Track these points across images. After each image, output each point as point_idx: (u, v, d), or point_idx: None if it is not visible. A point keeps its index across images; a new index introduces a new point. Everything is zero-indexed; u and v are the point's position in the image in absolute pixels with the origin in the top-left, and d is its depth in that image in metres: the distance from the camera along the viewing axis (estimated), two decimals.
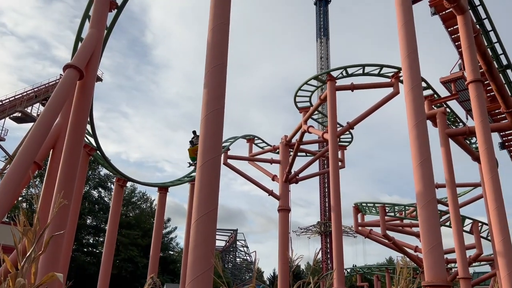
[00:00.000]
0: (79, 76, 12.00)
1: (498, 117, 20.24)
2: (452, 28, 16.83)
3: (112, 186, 48.21)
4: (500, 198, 13.37)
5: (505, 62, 18.32)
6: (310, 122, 25.39)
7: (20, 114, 36.76)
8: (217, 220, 8.36)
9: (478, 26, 16.81)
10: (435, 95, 21.18)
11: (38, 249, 3.57)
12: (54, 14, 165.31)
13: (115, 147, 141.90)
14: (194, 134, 23.27)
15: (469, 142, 23.41)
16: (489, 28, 17.30)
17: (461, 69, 18.72)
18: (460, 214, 19.59)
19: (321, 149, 32.65)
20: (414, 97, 10.77)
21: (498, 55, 18.08)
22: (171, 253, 64.53)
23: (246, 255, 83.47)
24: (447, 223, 24.47)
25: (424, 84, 20.63)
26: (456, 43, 17.33)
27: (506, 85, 18.40)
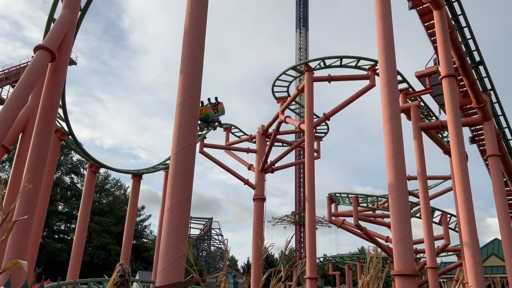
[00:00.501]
0: (51, 58, 11.62)
1: (470, 112, 20.73)
2: (428, 23, 17.06)
3: (84, 172, 47.28)
4: (468, 191, 13.76)
5: (477, 59, 18.72)
6: (288, 112, 25.46)
7: None
8: (190, 208, 8.29)
9: (453, 22, 17.09)
10: (410, 89, 21.51)
11: (1, 234, 3.45)
12: None
13: (89, 133, 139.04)
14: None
15: (441, 136, 23.95)
16: (463, 24, 17.61)
17: (436, 64, 19.05)
18: (430, 205, 20.10)
19: (297, 139, 32.81)
20: (389, 90, 10.90)
21: (471, 51, 18.46)
22: (145, 240, 64.14)
23: (221, 244, 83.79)
24: (418, 215, 25.10)
25: (399, 77, 20.92)
26: (432, 38, 17.59)
27: (478, 81, 18.83)
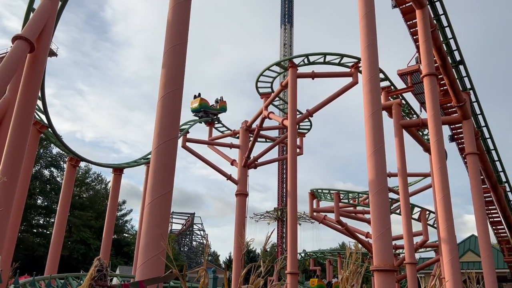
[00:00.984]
0: (30, 48, 11.37)
1: (450, 110, 21.10)
2: (411, 21, 17.24)
3: (64, 165, 46.53)
4: (447, 188, 14.04)
5: (458, 58, 19.05)
6: (271, 108, 25.49)
7: None
8: (171, 203, 8.24)
9: (435, 21, 17.33)
10: (392, 87, 21.78)
11: None
12: None
13: (69, 126, 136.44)
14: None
15: (421, 133, 24.31)
16: (445, 24, 17.87)
17: (417, 62, 19.31)
18: (409, 202, 20.43)
19: (280, 135, 32.92)
20: (372, 87, 11.00)
21: (452, 51, 18.76)
22: (126, 235, 63.62)
23: (203, 239, 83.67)
24: (397, 211, 25.47)
25: (382, 75, 21.14)
26: (414, 37, 17.78)
27: (458, 80, 19.16)
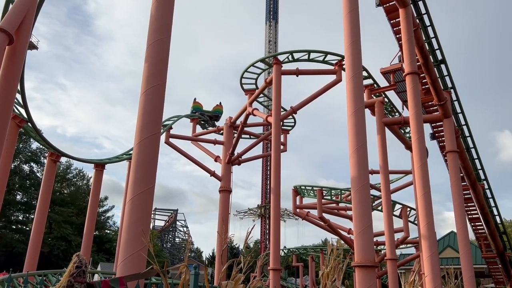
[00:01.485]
0: (8, 41, 11.10)
1: (431, 109, 21.40)
2: (394, 20, 17.42)
3: (45, 160, 45.68)
4: (427, 185, 14.26)
5: (440, 57, 19.33)
6: (256, 105, 25.47)
7: None
8: (153, 199, 8.16)
9: (418, 20, 17.54)
10: (375, 85, 21.98)
11: None
12: None
13: (50, 120, 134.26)
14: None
15: (403, 131, 24.62)
16: (427, 23, 18.11)
17: (400, 61, 19.51)
18: (391, 199, 20.69)
19: (265, 132, 32.93)
20: (355, 85, 11.07)
21: (434, 50, 19.03)
22: (108, 232, 62.92)
23: (186, 235, 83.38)
24: (379, 208, 25.77)
25: (365, 73, 21.32)
26: (397, 36, 17.99)
27: (439, 79, 19.45)
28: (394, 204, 26.75)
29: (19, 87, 16.01)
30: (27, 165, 54.90)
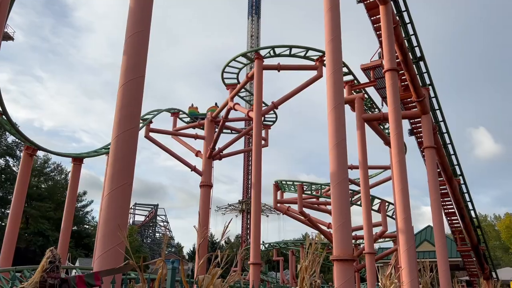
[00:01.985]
0: None
1: (410, 105, 21.75)
2: (375, 17, 17.60)
3: (21, 154, 44.60)
4: (405, 180, 14.50)
5: (419, 54, 19.62)
6: (237, 99, 25.40)
7: None
8: (131, 194, 8.06)
9: (398, 17, 17.75)
10: (355, 81, 22.18)
11: None
12: None
13: (27, 113, 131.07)
14: None
15: (383, 127, 24.95)
16: (407, 20, 18.33)
17: (380, 57, 19.74)
18: (370, 194, 20.98)
19: (246, 127, 32.89)
20: (335, 81, 11.13)
21: (413, 47, 19.29)
22: (86, 227, 62.02)
23: (166, 230, 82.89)
24: (358, 202, 26.12)
25: (346, 69, 21.50)
26: (377, 32, 18.17)
27: (418, 75, 19.76)
28: (373, 198, 27.16)
29: None
30: (3, 159, 53.58)
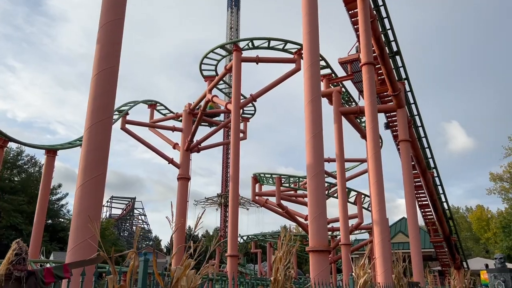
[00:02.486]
0: None
1: (386, 99, 22.05)
2: (352, 11, 17.71)
3: None
4: (380, 173, 14.75)
5: (395, 49, 19.89)
6: (216, 92, 25.22)
7: None
8: (105, 186, 7.93)
9: (375, 12, 17.91)
10: (333, 75, 22.33)
11: None
12: None
13: None
14: None
15: (359, 120, 25.27)
16: (384, 15, 18.53)
17: (357, 51, 19.91)
18: (346, 186, 21.26)
19: (225, 119, 32.75)
20: (312, 74, 11.19)
21: (390, 41, 19.54)
22: (61, 220, 60.79)
23: (144, 224, 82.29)
24: (335, 195, 26.41)
25: (324, 63, 21.60)
26: (355, 26, 18.31)
27: (394, 70, 20.04)
28: (349, 191, 27.52)
29: None
30: None
